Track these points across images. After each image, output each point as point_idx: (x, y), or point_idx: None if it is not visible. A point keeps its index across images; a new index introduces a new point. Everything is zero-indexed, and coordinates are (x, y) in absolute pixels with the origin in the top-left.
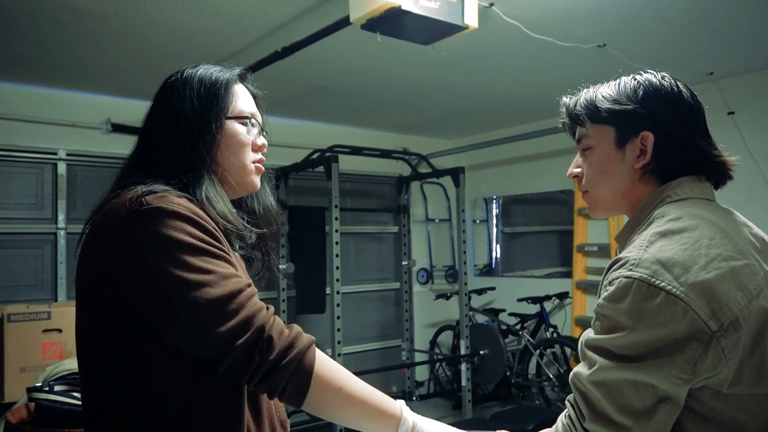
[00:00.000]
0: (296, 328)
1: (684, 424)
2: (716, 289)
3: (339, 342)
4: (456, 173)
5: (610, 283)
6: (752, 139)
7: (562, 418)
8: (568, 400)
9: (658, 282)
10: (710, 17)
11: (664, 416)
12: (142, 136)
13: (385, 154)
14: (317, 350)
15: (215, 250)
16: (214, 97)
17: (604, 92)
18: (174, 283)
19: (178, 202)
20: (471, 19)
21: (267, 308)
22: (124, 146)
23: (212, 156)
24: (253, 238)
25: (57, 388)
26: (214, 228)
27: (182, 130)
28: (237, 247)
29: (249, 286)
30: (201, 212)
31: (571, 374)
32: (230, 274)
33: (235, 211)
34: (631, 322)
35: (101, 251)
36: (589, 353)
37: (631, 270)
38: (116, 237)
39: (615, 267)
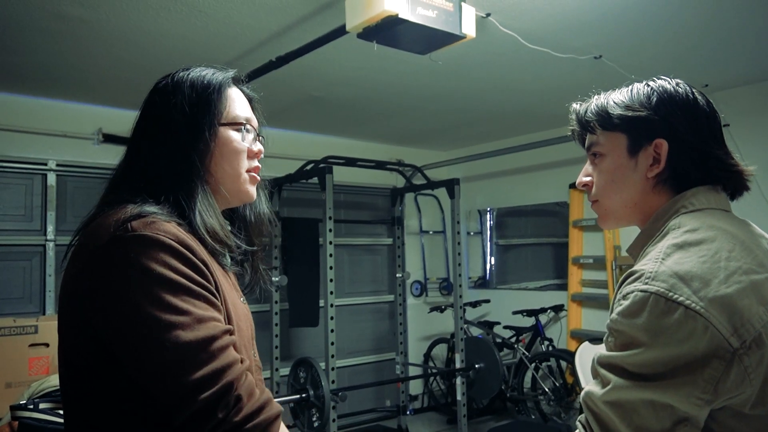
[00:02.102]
0: (267, 393)
1: None
2: (738, 304)
3: (333, 356)
4: (451, 185)
5: (625, 297)
6: (748, 152)
7: None
8: (580, 421)
9: (676, 296)
10: (706, 30)
11: None
12: (131, 145)
13: (379, 165)
14: (282, 425)
15: (196, 287)
16: (207, 102)
17: (616, 98)
18: (146, 320)
19: (166, 229)
20: (469, 28)
21: (241, 361)
22: (115, 157)
23: (205, 165)
24: (242, 249)
25: (42, 405)
26: (200, 260)
27: (173, 139)
28: (229, 262)
29: (226, 333)
30: (189, 240)
31: (582, 393)
32: (207, 317)
33: (228, 226)
34: (648, 338)
35: (80, 273)
36: (603, 371)
37: (647, 283)
38: (96, 261)
39: (629, 280)
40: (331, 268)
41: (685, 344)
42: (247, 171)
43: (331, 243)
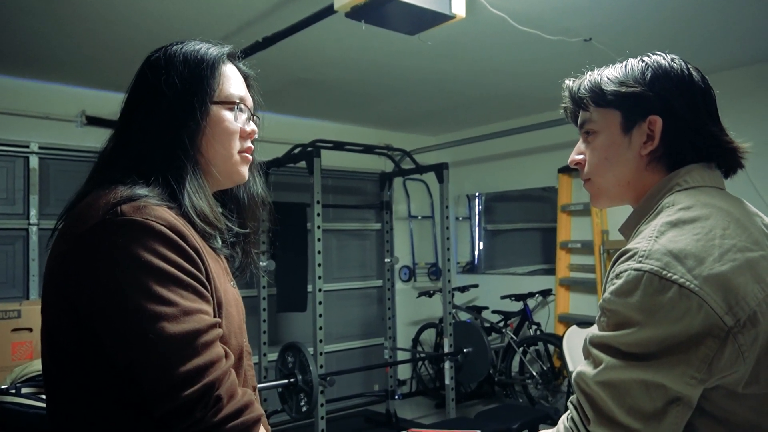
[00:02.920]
0: (249, 395)
1: (695, 425)
2: (732, 283)
3: (321, 340)
4: (440, 169)
5: (618, 276)
6: (735, 136)
7: (564, 421)
8: (571, 402)
9: (670, 275)
10: (696, 13)
11: (676, 418)
12: (122, 121)
13: (368, 149)
14: (262, 429)
15: (185, 277)
16: (199, 79)
17: (609, 74)
18: (131, 310)
19: (157, 214)
20: (458, 8)
21: (226, 356)
22: (99, 140)
23: (196, 145)
24: (234, 231)
25: (24, 390)
26: (192, 246)
27: (164, 116)
28: (219, 244)
29: (212, 327)
30: (181, 226)
31: (574, 374)
32: (194, 309)
33: (219, 208)
34: (642, 317)
35: (66, 255)
36: (595, 351)
37: (640, 262)
38: (83, 244)
39: (623, 259)
40: (319, 252)
41: (679, 323)
42: (240, 152)
43: (319, 228)
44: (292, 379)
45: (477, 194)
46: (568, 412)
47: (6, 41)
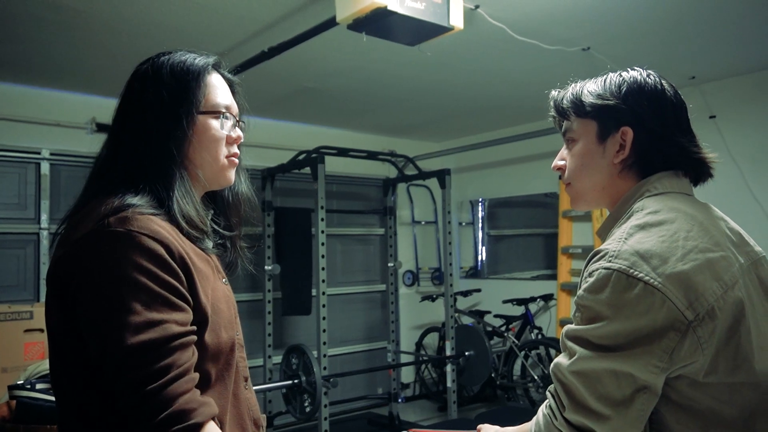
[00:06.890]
0: (195, 401)
1: (662, 413)
2: (693, 280)
3: (324, 343)
4: (442, 175)
5: (590, 275)
6: (733, 143)
7: (542, 408)
8: (549, 391)
9: (636, 273)
10: (693, 22)
11: (643, 405)
12: (113, 132)
13: (371, 155)
14: (212, 428)
15: (157, 288)
16: (185, 90)
17: (590, 87)
18: (99, 316)
19: (141, 225)
20: (456, 20)
21: (186, 361)
22: None
23: (183, 153)
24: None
25: (39, 386)
26: (174, 254)
27: (151, 126)
28: (209, 245)
29: (177, 336)
30: (164, 234)
31: (551, 365)
32: (158, 320)
33: (205, 212)
34: (611, 312)
35: (60, 260)
36: (569, 344)
37: (610, 261)
38: (75, 251)
39: (595, 259)
40: (322, 257)
41: (644, 317)
42: (226, 157)
43: (322, 232)
44: (296, 380)
45: (480, 200)
46: (547, 400)
47: (18, 51)
